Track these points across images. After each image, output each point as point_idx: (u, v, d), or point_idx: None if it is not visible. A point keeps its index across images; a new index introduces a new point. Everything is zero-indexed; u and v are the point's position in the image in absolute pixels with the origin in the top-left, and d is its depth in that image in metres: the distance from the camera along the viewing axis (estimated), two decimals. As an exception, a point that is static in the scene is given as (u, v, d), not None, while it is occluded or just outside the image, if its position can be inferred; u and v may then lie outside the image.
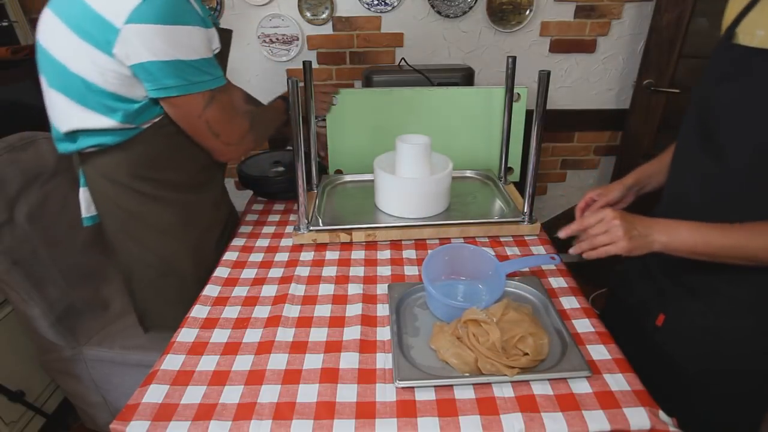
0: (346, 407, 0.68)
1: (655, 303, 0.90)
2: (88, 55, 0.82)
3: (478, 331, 0.73)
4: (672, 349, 0.87)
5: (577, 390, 0.69)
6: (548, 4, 1.86)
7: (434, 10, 1.84)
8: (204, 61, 0.88)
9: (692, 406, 0.81)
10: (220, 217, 1.19)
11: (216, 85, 0.91)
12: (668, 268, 0.88)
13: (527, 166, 1.06)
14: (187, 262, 1.10)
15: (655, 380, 0.73)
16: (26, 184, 1.27)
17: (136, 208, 1.02)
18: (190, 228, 1.08)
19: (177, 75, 0.84)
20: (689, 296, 0.84)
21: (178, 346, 0.81)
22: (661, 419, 0.65)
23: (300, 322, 0.86)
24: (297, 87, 0.95)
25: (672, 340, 0.87)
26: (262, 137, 1.11)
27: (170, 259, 1.08)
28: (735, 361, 0.82)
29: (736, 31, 0.75)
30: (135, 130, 0.92)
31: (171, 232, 1.06)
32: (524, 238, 1.12)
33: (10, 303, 1.25)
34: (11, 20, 1.64)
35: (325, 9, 1.83)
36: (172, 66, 0.83)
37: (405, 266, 1.02)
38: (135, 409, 0.68)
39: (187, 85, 0.86)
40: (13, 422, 1.40)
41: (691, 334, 0.85)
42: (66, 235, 1.36)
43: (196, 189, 1.08)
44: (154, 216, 1.03)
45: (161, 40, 0.80)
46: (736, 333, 0.80)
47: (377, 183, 1.18)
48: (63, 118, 0.90)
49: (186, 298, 1.00)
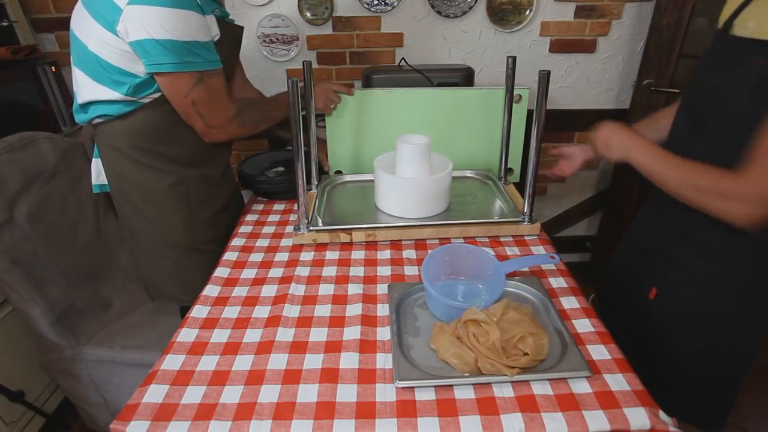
0: (346, 407, 0.68)
1: (647, 277, 0.97)
2: (99, 34, 0.94)
3: (478, 331, 0.73)
4: (662, 324, 0.94)
5: (577, 390, 0.69)
6: (548, 4, 1.86)
7: (434, 10, 1.84)
8: (197, 44, 0.96)
9: (675, 381, 0.86)
10: (218, 195, 1.25)
11: (206, 67, 0.99)
12: (660, 245, 0.94)
13: (527, 166, 1.06)
14: (180, 233, 1.18)
15: (644, 355, 0.80)
16: (26, 184, 1.27)
17: (136, 177, 1.11)
18: (183, 201, 1.16)
19: (170, 53, 0.93)
20: (677, 270, 0.91)
21: (178, 346, 0.81)
22: (661, 419, 0.65)
23: (300, 322, 0.86)
24: (297, 87, 0.95)
25: (663, 314, 0.94)
26: (252, 126, 1.15)
27: (163, 228, 1.17)
28: (715, 338, 0.89)
29: (733, 24, 0.79)
30: (136, 104, 1.03)
31: (165, 202, 1.14)
32: (524, 238, 1.12)
33: (10, 303, 1.25)
34: (11, 20, 1.63)
35: (325, 9, 1.83)
36: (166, 45, 0.92)
37: (405, 266, 1.02)
38: (135, 409, 0.69)
39: (178, 63, 0.95)
40: (13, 422, 1.40)
41: (679, 308, 0.91)
42: (66, 235, 1.36)
43: (193, 165, 1.15)
44: (150, 185, 1.12)
45: (158, 21, 0.90)
46: (717, 308, 0.87)
47: (377, 183, 1.18)
48: (81, 92, 1.04)
49: (183, 267, 1.12)
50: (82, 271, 1.38)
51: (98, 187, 1.19)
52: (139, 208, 1.15)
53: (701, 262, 0.87)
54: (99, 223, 1.48)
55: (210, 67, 1.00)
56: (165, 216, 1.16)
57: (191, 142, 1.12)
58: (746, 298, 0.86)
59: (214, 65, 1.01)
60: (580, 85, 2.03)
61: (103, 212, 1.49)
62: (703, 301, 0.88)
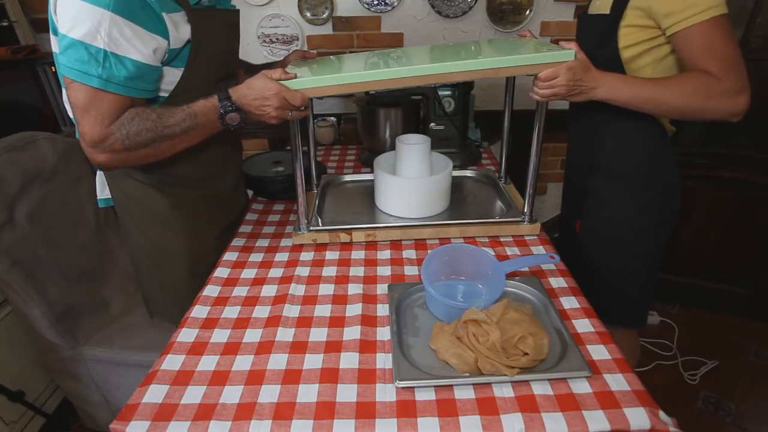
0: (346, 407, 0.68)
1: (572, 215, 1.21)
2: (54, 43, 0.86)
3: (478, 331, 0.73)
4: (586, 247, 1.17)
5: (577, 390, 0.69)
6: (548, 4, 1.86)
7: (434, 10, 1.84)
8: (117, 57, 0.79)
9: (601, 299, 0.96)
10: (224, 216, 1.18)
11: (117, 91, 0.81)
12: (577, 185, 1.18)
13: (527, 166, 1.06)
14: (182, 255, 1.10)
15: (582, 278, 0.95)
16: (26, 184, 1.27)
17: (137, 195, 1.03)
18: (186, 223, 1.08)
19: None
20: (590, 199, 1.13)
21: (178, 346, 0.81)
22: (661, 419, 0.65)
23: (300, 322, 0.86)
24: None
25: (587, 240, 1.17)
26: (143, 144, 0.85)
27: (165, 248, 1.09)
28: (628, 245, 1.11)
29: (589, 7, 1.08)
30: None
31: (166, 223, 1.07)
32: (524, 238, 1.12)
33: (10, 303, 1.25)
34: (11, 20, 1.63)
35: (325, 9, 1.83)
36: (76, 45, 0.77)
37: (405, 266, 1.02)
38: (135, 409, 0.68)
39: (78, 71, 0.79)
40: (13, 422, 1.40)
41: (596, 232, 1.15)
42: (66, 235, 1.36)
43: (197, 184, 1.07)
44: (152, 205, 1.04)
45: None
46: (624, 219, 1.09)
47: (377, 183, 1.18)
48: (69, 108, 0.89)
49: (183, 290, 1.01)
50: (81, 271, 1.38)
51: (103, 201, 1.09)
52: (142, 227, 1.07)
53: (604, 184, 1.10)
54: (99, 223, 1.48)
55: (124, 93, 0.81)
56: (167, 237, 1.08)
57: (194, 159, 1.02)
58: (645, 206, 1.07)
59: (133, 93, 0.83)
60: (580, 85, 2.03)
61: (103, 212, 1.49)
62: (611, 220, 1.11)
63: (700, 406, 1.64)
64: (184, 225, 1.08)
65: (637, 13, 0.92)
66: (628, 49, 0.96)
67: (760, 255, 1.87)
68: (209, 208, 1.13)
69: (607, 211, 1.11)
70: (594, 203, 1.13)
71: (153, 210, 1.05)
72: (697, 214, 1.93)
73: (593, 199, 1.13)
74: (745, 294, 1.97)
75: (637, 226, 1.10)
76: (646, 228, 1.09)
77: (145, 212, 1.05)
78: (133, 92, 0.83)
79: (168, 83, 0.92)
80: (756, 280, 1.93)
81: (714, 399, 1.65)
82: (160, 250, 1.09)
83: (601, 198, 1.11)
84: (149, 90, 0.87)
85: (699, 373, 1.75)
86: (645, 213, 1.08)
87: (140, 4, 0.79)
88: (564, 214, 1.32)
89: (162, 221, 1.06)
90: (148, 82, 0.85)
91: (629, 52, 0.96)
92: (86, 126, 0.81)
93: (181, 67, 0.91)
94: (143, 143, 0.85)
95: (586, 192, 1.15)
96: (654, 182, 1.06)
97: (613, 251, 1.14)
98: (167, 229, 1.07)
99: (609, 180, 1.09)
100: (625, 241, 1.12)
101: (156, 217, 1.05)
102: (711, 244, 1.95)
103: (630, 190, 1.07)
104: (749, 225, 1.85)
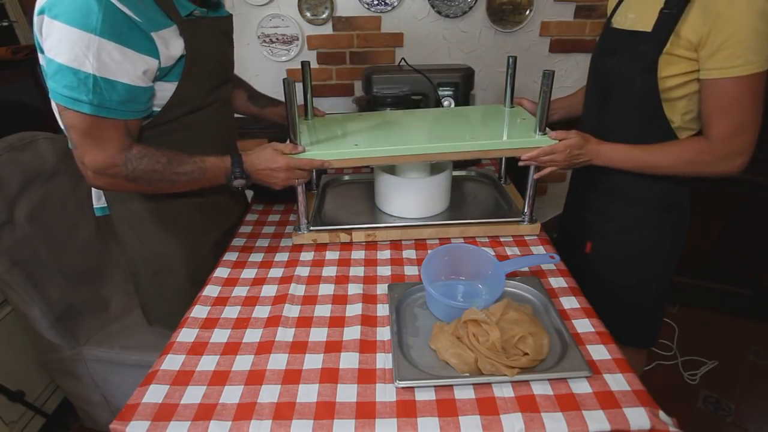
0: (346, 407, 0.68)
1: (582, 235, 1.17)
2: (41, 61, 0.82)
3: (478, 331, 0.73)
4: (597, 270, 1.14)
5: (577, 390, 0.69)
6: (548, 4, 1.86)
7: (434, 10, 1.84)
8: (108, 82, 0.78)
9: (612, 313, 0.97)
10: (219, 224, 1.17)
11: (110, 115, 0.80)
12: (591, 207, 1.14)
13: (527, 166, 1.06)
14: (180, 263, 1.09)
15: (591, 298, 0.92)
16: (26, 184, 1.27)
17: (132, 204, 1.02)
18: (183, 230, 1.08)
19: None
20: (607, 222, 1.11)
21: (178, 346, 0.81)
22: (661, 419, 0.65)
23: (300, 322, 0.86)
24: (293, 87, 0.94)
25: (598, 262, 1.14)
26: (147, 183, 0.88)
27: (163, 257, 1.08)
28: (641, 271, 1.10)
29: (614, 17, 1.03)
30: None
31: (164, 232, 1.06)
32: (524, 238, 1.12)
33: (10, 303, 1.25)
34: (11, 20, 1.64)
35: (325, 9, 1.83)
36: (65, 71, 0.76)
37: (405, 266, 1.02)
38: (135, 409, 0.69)
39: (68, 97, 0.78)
40: (13, 422, 1.40)
41: (610, 253, 1.12)
42: (66, 235, 1.36)
43: (190, 194, 1.03)
44: (148, 213, 1.03)
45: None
46: (640, 244, 1.07)
47: (377, 183, 1.18)
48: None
49: (181, 298, 1.00)
50: (81, 271, 1.38)
51: (99, 210, 1.08)
52: (139, 236, 1.06)
53: (624, 209, 1.07)
54: (99, 223, 1.48)
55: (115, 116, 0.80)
56: (164, 246, 1.07)
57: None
58: (660, 231, 1.06)
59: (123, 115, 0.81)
60: (580, 85, 2.03)
61: (103, 212, 1.49)
62: (628, 242, 1.08)
63: (700, 406, 1.64)
64: (181, 233, 1.08)
65: (684, 44, 0.86)
66: (668, 79, 0.90)
67: (760, 255, 1.88)
68: (205, 217, 1.12)
69: (625, 234, 1.08)
70: (612, 227, 1.10)
71: (149, 219, 1.04)
72: (697, 214, 1.93)
73: (612, 223, 1.10)
74: (745, 294, 1.97)
75: (654, 250, 1.07)
76: (664, 250, 1.08)
77: (141, 221, 1.04)
78: (126, 115, 0.82)
79: (161, 98, 0.90)
80: (756, 280, 1.93)
81: (714, 399, 1.65)
82: (158, 258, 1.08)
83: (621, 222, 1.08)
84: (142, 110, 0.86)
85: (699, 373, 1.75)
86: (662, 236, 1.06)
87: (128, 26, 0.77)
88: (571, 232, 1.24)
89: (158, 230, 1.05)
90: (140, 103, 0.85)
91: (668, 82, 0.91)
92: (86, 152, 0.82)
93: (174, 81, 0.89)
94: (146, 181, 0.87)
95: (602, 215, 1.12)
96: (674, 208, 1.04)
97: (629, 273, 1.11)
98: (164, 238, 1.06)
99: (631, 206, 1.06)
100: (642, 264, 1.09)
101: (152, 226, 1.05)
102: (711, 244, 1.95)
103: (650, 215, 1.05)
104: (749, 225, 1.85)
